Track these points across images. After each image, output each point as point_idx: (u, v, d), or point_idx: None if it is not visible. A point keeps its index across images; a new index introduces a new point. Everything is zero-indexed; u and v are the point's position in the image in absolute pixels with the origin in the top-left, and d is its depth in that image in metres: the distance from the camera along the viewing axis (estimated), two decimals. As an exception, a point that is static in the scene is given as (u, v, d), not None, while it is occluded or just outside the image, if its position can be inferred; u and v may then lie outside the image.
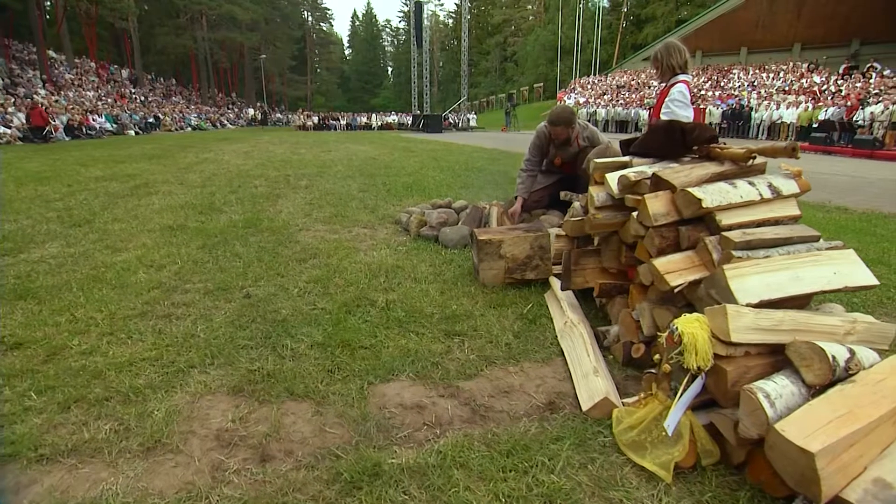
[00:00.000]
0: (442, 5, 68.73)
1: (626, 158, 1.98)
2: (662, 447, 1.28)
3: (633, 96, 27.58)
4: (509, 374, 1.71)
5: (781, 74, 21.68)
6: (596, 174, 2.07)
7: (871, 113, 14.96)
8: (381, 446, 1.31)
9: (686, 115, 2.52)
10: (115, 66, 33.48)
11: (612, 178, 1.87)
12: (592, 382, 1.54)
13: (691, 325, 1.26)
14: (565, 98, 33.97)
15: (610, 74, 36.23)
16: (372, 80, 70.90)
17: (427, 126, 25.07)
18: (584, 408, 1.48)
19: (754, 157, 1.62)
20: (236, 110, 39.47)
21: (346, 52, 74.84)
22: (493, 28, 62.71)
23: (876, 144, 11.31)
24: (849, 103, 16.14)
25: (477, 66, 59.13)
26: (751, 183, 1.56)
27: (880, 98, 15.27)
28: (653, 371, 1.42)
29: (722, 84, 23.94)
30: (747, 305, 1.27)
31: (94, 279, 2.61)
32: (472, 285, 2.51)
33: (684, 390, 1.26)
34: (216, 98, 41.96)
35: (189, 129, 27.71)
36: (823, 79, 19.79)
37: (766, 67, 23.28)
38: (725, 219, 1.49)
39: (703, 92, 23.16)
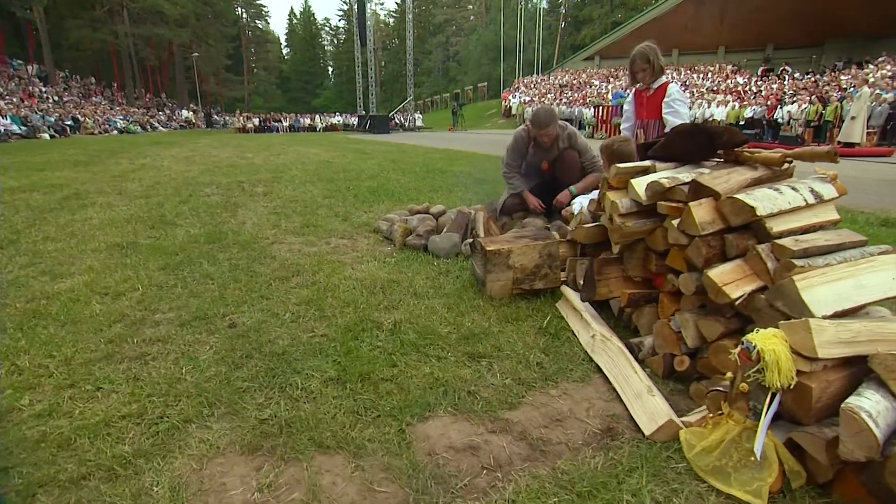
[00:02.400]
0: (382, 4, 67.92)
1: (647, 163, 1.91)
2: (747, 472, 1.19)
3: (576, 95, 28.56)
4: (552, 398, 1.58)
5: (710, 75, 23.26)
6: (614, 179, 1.99)
7: (789, 112, 16.38)
8: (444, 502, 1.13)
9: (688, 113, 2.53)
10: (20, 62, 30.13)
11: (640, 184, 1.79)
12: (649, 403, 1.44)
13: (771, 342, 1.18)
14: (510, 97, 34.63)
15: (552, 74, 37.36)
16: (312, 81, 68.87)
17: (374, 127, 24.62)
18: (647, 432, 1.38)
19: (790, 162, 1.59)
20: (168, 112, 36.79)
21: (285, 51, 72.14)
22: (435, 28, 62.91)
23: (798, 141, 12.34)
24: (769, 103, 17.57)
25: (420, 65, 58.98)
26: (794, 188, 1.52)
27: (794, 98, 16.75)
28: (720, 389, 1.34)
29: (657, 84, 25.31)
30: (822, 317, 1.21)
31: (33, 315, 2.20)
32: (478, 298, 2.36)
33: (767, 410, 1.18)
34: (144, 98, 38.94)
35: (115, 132, 25.49)
36: (745, 80, 21.44)
37: (696, 68, 24.89)
38: (776, 226, 1.44)
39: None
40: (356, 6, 26.45)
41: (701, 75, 23.82)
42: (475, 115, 37.02)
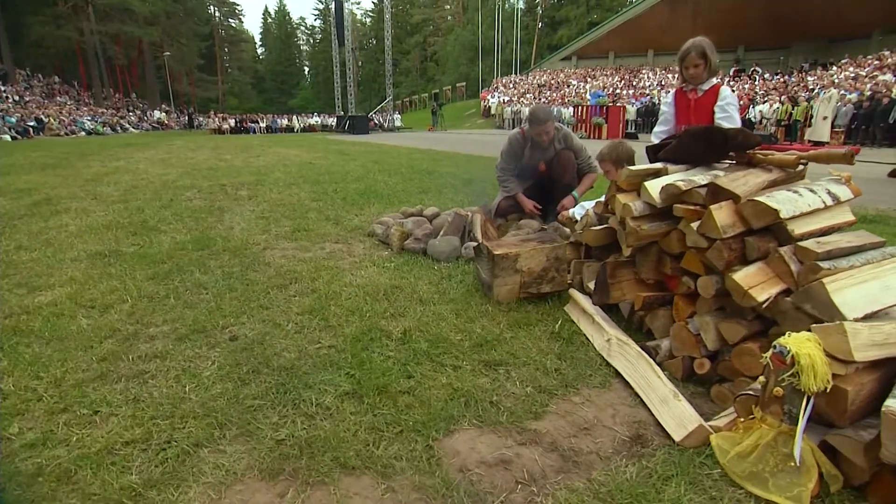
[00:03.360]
0: (359, 4, 67.35)
1: (659, 165, 1.90)
2: (785, 476, 1.18)
3: (555, 95, 28.86)
4: (576, 405, 1.55)
5: (684, 76, 23.79)
6: (623, 182, 1.97)
7: (760, 111, 16.88)
8: (482, 524, 1.09)
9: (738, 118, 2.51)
10: (-25, 61, 28.79)
11: (654, 187, 1.77)
12: (677, 408, 1.42)
13: (806, 346, 1.17)
14: (489, 97, 34.76)
15: (530, 74, 37.66)
16: (288, 81, 67.77)
17: (353, 127, 24.31)
18: (677, 438, 1.36)
19: (805, 164, 1.60)
20: (139, 113, 35.61)
21: (259, 50, 70.78)
22: (413, 27, 62.70)
23: (772, 139, 12.71)
24: (741, 102, 18.07)
25: (398, 65, 58.73)
26: (811, 190, 1.53)
27: (766, 98, 17.28)
28: (750, 393, 1.33)
29: (633, 83, 25.79)
30: (854, 320, 1.21)
31: (14, 332, 2.06)
32: (485, 303, 2.32)
33: (804, 414, 1.18)
34: (113, 99, 37.61)
35: (83, 133, 24.54)
36: (719, 80, 21.99)
37: (671, 68, 25.44)
38: (797, 228, 1.44)
39: (618, 91, 24.78)
40: (333, 6, 26.11)
41: (675, 75, 24.37)
42: (454, 115, 37.00)
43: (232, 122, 28.70)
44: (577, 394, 1.62)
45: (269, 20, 68.96)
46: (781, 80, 19.67)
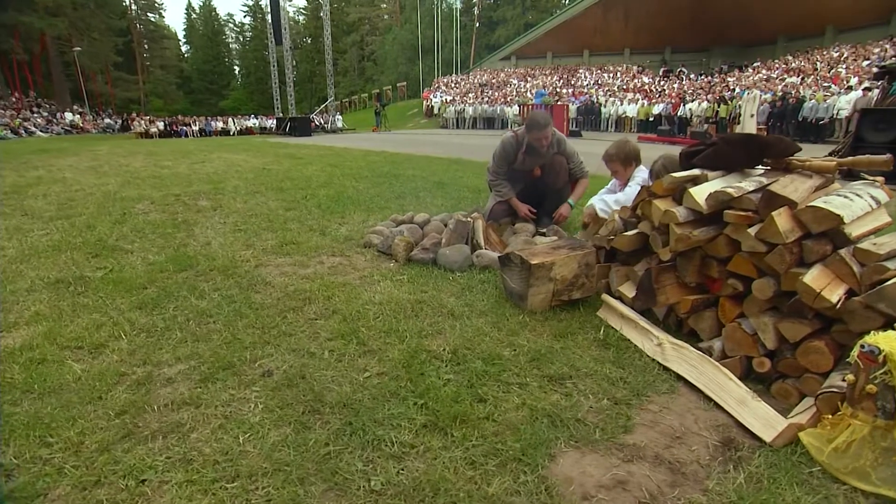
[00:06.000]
0: (291, 1, 64.87)
1: (697, 172, 1.95)
2: (885, 470, 1.24)
3: (497, 94, 29.39)
4: (656, 414, 1.55)
5: (619, 75, 25.12)
6: (661, 189, 2.00)
7: (690, 109, 18.16)
8: (629, 558, 1.04)
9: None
10: None
11: (700, 193, 1.81)
12: (759, 409, 1.46)
13: (897, 345, 1.23)
14: (432, 97, 34.78)
15: (471, 73, 38.11)
16: (218, 81, 63.89)
17: (294, 129, 23.40)
18: (768, 439, 1.39)
19: (846, 170, 1.70)
20: (47, 115, 32.04)
21: (184, 48, 66.19)
22: (349, 26, 61.33)
23: (706, 136, 13.72)
24: (672, 101, 19.36)
25: (336, 65, 57.27)
26: (857, 194, 1.62)
27: (694, 97, 18.62)
28: (834, 391, 1.38)
29: (572, 82, 26.84)
30: (930, 318, 1.29)
31: (-11, 384, 1.74)
32: (518, 313, 2.28)
33: (899, 411, 1.24)
34: (10, 98, 33.56)
35: (-22, 139, 21.71)
36: (650, 79, 23.45)
37: (606, 68, 26.77)
38: (853, 231, 1.52)
39: (558, 90, 25.69)
40: (268, 3, 24.93)
41: (610, 75, 25.71)
42: (397, 115, 36.64)
43: (161, 124, 26.60)
44: (650, 402, 1.62)
45: (194, 16, 64.66)
46: (706, 80, 21.30)
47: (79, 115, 32.74)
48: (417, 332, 2.10)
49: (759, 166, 1.97)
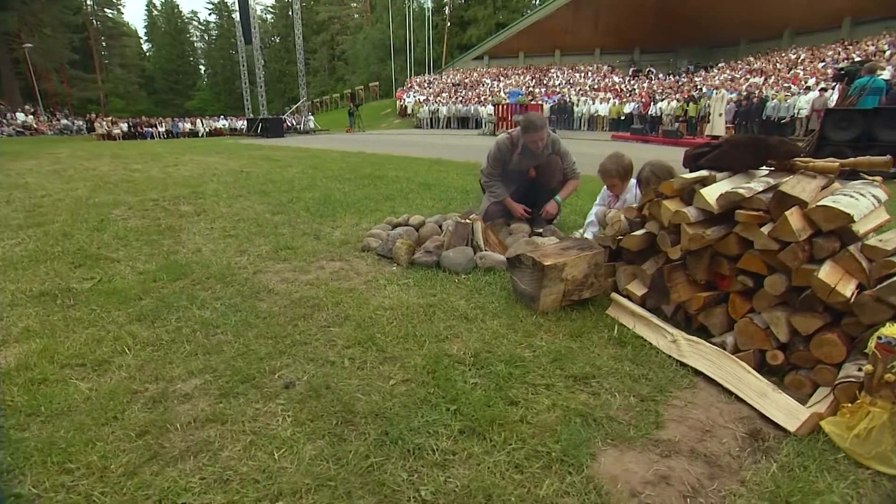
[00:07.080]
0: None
1: (705, 173, 2.01)
2: (907, 455, 1.32)
3: (471, 93, 29.52)
4: (682, 409, 1.59)
5: (590, 74, 25.63)
6: (669, 189, 2.06)
7: (661, 108, 18.69)
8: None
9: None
10: None
11: (710, 194, 1.87)
12: (781, 400, 1.52)
13: (914, 337, 1.31)
14: (405, 96, 34.64)
15: (443, 73, 38.14)
16: (183, 81, 61.87)
17: (266, 131, 22.82)
18: (792, 428, 1.45)
19: (847, 170, 1.79)
20: (-4, 116, 30.29)
21: (146, 46, 63.74)
22: (319, 25, 60.42)
23: (678, 134, 14.18)
24: (643, 100, 19.88)
25: (307, 65, 56.32)
26: (861, 194, 1.71)
27: (664, 97, 19.17)
28: (851, 380, 1.45)
29: (545, 81, 27.22)
30: (940, 309, 1.37)
31: (-13, 407, 1.64)
32: (530, 314, 2.30)
33: (917, 399, 1.31)
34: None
35: (-77, 143, 20.34)
36: (621, 79, 24.02)
37: (577, 68, 27.26)
38: (861, 228, 1.60)
39: (530, 89, 26.00)
40: (237, 2, 24.24)
41: (582, 74, 26.21)
42: (370, 115, 36.30)
43: (124, 126, 25.54)
44: (674, 397, 1.66)
45: (155, 13, 62.34)
46: (674, 80, 21.97)
47: (31, 116, 31.07)
48: (434, 337, 2.09)
49: (763, 167, 2.05)
